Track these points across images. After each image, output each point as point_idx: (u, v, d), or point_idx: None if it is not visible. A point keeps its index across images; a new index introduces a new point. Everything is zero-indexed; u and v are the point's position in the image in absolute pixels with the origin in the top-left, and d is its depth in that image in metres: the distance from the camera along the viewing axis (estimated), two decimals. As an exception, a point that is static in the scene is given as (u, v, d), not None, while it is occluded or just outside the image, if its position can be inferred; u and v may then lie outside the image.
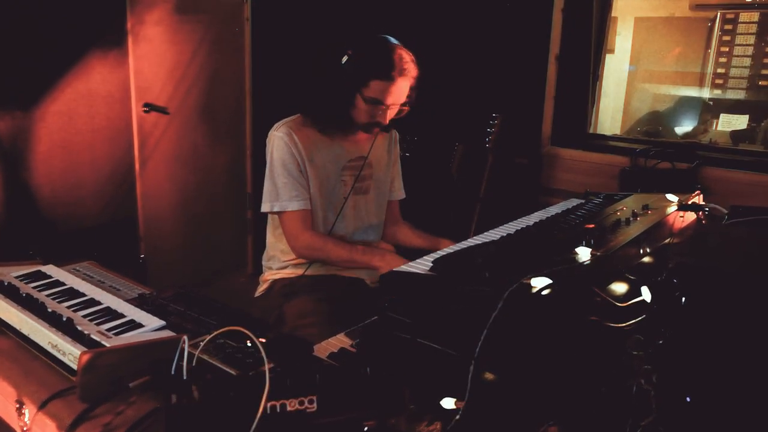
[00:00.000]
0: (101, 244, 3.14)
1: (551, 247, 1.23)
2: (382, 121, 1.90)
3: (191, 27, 3.55)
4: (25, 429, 1.13)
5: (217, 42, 3.70)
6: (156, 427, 1.02)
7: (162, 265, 3.56)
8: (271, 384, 0.89)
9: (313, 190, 1.95)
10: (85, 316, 1.31)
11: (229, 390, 0.91)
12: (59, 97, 2.97)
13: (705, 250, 1.37)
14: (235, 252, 4.10)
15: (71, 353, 1.13)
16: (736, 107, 3.24)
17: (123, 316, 1.31)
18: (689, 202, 1.64)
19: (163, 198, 3.61)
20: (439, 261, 1.19)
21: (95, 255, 1.78)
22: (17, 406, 1.15)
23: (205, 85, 3.68)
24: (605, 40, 3.14)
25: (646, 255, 1.21)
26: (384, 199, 2.17)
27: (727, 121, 3.21)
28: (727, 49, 3.32)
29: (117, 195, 3.32)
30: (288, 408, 0.91)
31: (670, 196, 1.66)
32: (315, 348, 1.26)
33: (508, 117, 2.85)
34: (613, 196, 1.83)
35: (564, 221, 1.48)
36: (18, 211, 2.90)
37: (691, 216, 1.59)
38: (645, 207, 1.54)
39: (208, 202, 3.86)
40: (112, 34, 3.17)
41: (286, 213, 1.93)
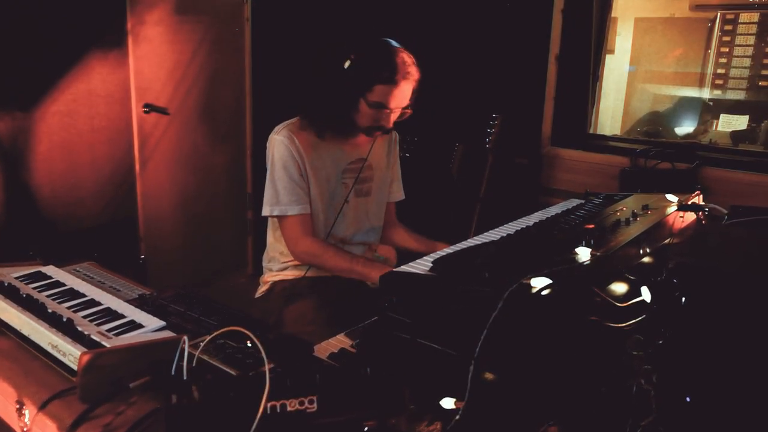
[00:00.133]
0: (101, 244, 3.13)
1: (551, 247, 1.23)
2: (386, 124, 1.90)
3: (191, 27, 3.55)
4: (25, 429, 1.13)
5: (217, 42, 3.70)
6: (156, 427, 1.02)
7: (162, 266, 3.56)
8: (272, 384, 0.89)
9: (314, 193, 1.95)
10: (85, 317, 1.31)
11: (229, 390, 0.91)
12: (59, 98, 2.97)
13: (705, 250, 1.37)
14: (236, 252, 4.10)
15: (71, 354, 1.13)
16: (736, 107, 3.24)
17: (123, 316, 1.31)
18: (689, 203, 1.64)
19: (163, 198, 3.61)
20: (439, 261, 1.19)
21: (95, 255, 1.78)
22: (17, 406, 1.15)
23: (205, 86, 3.68)
24: (605, 41, 3.14)
25: (646, 255, 1.21)
26: (384, 200, 2.16)
27: (727, 122, 3.21)
28: (727, 49, 3.31)
29: (117, 195, 3.32)
30: (288, 408, 0.91)
31: (670, 197, 1.66)
32: (315, 348, 1.27)
33: (508, 117, 2.86)
34: (613, 197, 1.83)
35: (564, 221, 1.49)
36: (18, 212, 2.90)
37: (691, 216, 1.59)
38: (645, 207, 1.54)
39: (208, 203, 3.86)
40: (112, 34, 3.17)
41: (286, 218, 1.92)
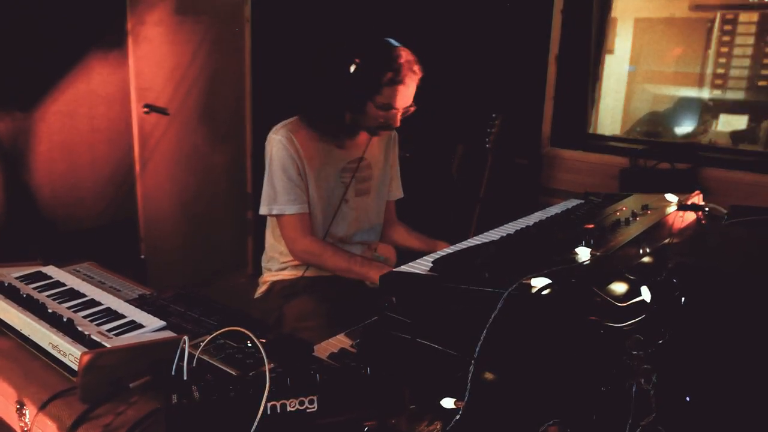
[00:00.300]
0: (101, 244, 3.14)
1: (551, 247, 1.23)
2: (393, 124, 1.91)
3: (191, 28, 3.55)
4: (25, 430, 1.13)
5: (218, 43, 3.70)
6: (156, 427, 1.02)
7: (162, 266, 3.56)
8: (272, 384, 0.90)
9: (313, 192, 1.95)
10: (85, 317, 1.31)
11: (229, 390, 0.91)
12: (59, 98, 2.97)
13: (705, 250, 1.37)
14: (236, 252, 4.10)
15: (72, 354, 1.13)
16: (736, 107, 3.24)
17: (123, 316, 1.31)
18: (689, 203, 1.64)
19: (163, 198, 3.61)
20: (439, 261, 1.19)
21: (95, 256, 1.78)
22: (18, 406, 1.15)
23: (205, 86, 3.68)
24: (605, 41, 3.14)
25: (646, 255, 1.21)
26: (383, 199, 2.16)
27: (727, 122, 3.21)
28: (726, 49, 3.32)
29: (117, 196, 3.33)
30: (288, 408, 0.91)
31: (670, 197, 1.66)
32: (315, 348, 1.27)
33: (508, 117, 2.86)
34: (612, 197, 1.82)
35: (564, 221, 1.49)
36: (18, 212, 2.90)
37: (690, 216, 1.59)
38: (645, 207, 1.54)
39: (208, 203, 3.86)
40: (113, 34, 3.17)
41: (284, 217, 1.92)
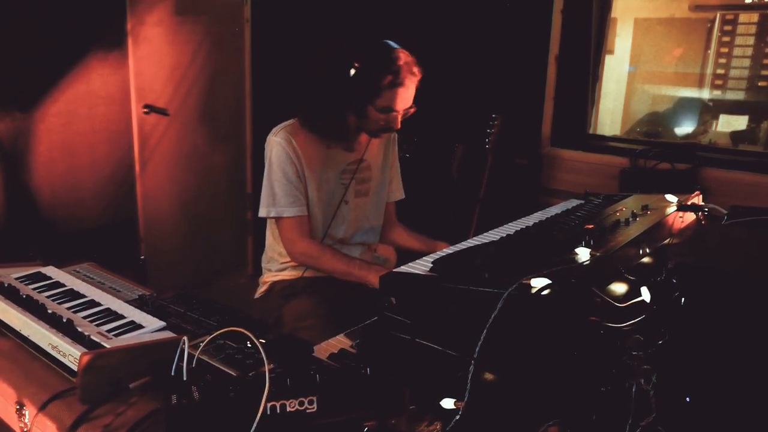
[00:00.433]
0: (101, 245, 3.14)
1: (551, 247, 1.23)
2: (394, 126, 1.90)
3: (191, 28, 3.55)
4: (25, 430, 1.13)
5: (217, 43, 3.70)
6: (156, 427, 1.02)
7: (162, 266, 3.56)
8: (271, 384, 0.90)
9: (313, 194, 1.95)
10: (85, 318, 1.31)
11: (229, 391, 0.91)
12: (59, 99, 2.97)
13: (704, 250, 1.37)
14: (235, 253, 4.10)
15: (71, 354, 1.13)
16: (736, 108, 3.24)
17: (123, 317, 1.31)
18: (689, 203, 1.64)
19: (163, 199, 3.61)
20: (439, 261, 1.19)
21: (95, 256, 1.78)
22: (17, 407, 1.15)
23: (205, 86, 3.68)
24: (605, 41, 3.14)
25: (646, 255, 1.21)
26: (383, 200, 2.16)
27: (727, 122, 3.21)
28: (726, 49, 3.32)
29: (117, 196, 3.33)
30: (288, 408, 0.91)
31: (670, 197, 1.66)
32: (315, 349, 1.27)
33: (508, 117, 2.86)
34: (612, 197, 1.82)
35: (563, 222, 1.49)
36: (18, 213, 2.90)
37: (690, 216, 1.59)
38: (644, 207, 1.54)
39: (208, 203, 3.86)
40: (112, 35, 3.18)
41: (283, 219, 1.92)
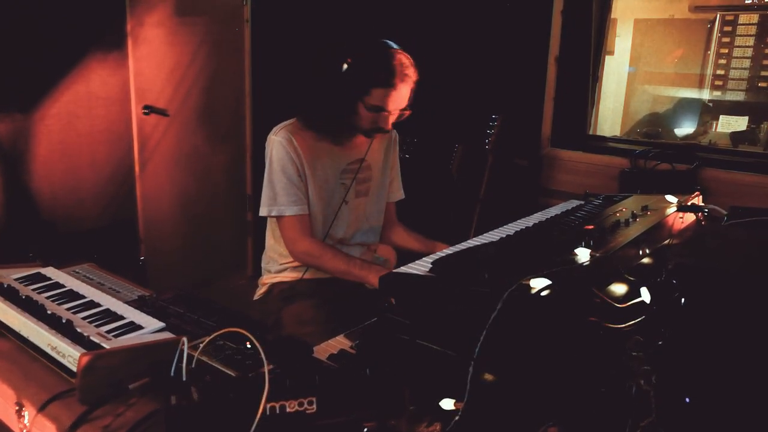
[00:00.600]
0: (101, 246, 3.14)
1: (551, 248, 1.22)
2: (384, 126, 1.90)
3: (191, 29, 3.55)
4: (24, 431, 1.13)
5: (217, 44, 3.70)
6: (156, 428, 1.02)
7: (162, 267, 3.56)
8: (271, 385, 0.89)
9: (313, 193, 1.95)
10: (84, 318, 1.31)
11: (228, 391, 0.91)
12: (59, 99, 2.97)
13: (704, 251, 1.37)
14: (235, 254, 4.10)
15: (71, 355, 1.13)
16: (736, 108, 3.24)
17: (123, 318, 1.31)
18: (689, 204, 1.64)
19: (163, 200, 3.61)
20: (439, 262, 1.19)
21: (95, 257, 1.78)
22: (17, 408, 1.15)
23: (204, 87, 3.68)
24: (605, 42, 3.14)
25: (646, 256, 1.21)
26: (383, 200, 2.16)
27: (727, 123, 3.21)
28: (726, 50, 3.31)
29: (117, 197, 3.33)
30: (287, 409, 0.91)
31: (670, 198, 1.66)
32: (315, 350, 1.26)
33: (508, 118, 2.86)
34: (612, 198, 1.82)
35: (563, 222, 1.48)
36: (18, 213, 2.90)
37: (690, 217, 1.59)
38: (644, 208, 1.54)
39: (208, 204, 3.86)
40: (112, 35, 3.18)
41: (284, 218, 1.92)
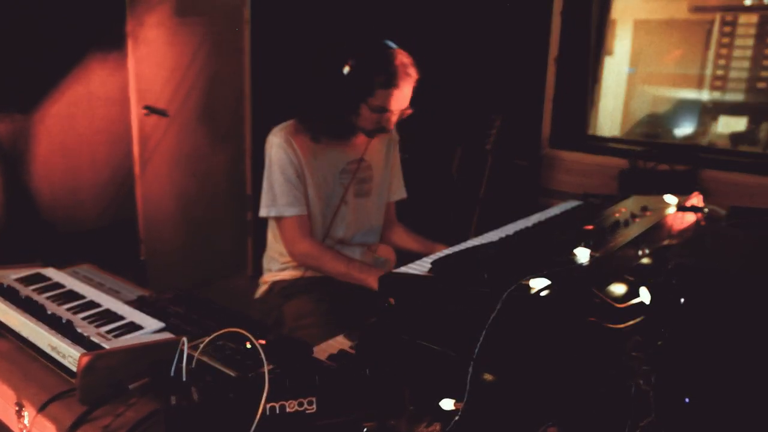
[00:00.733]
0: (101, 246, 3.14)
1: (550, 248, 1.23)
2: (388, 126, 1.90)
3: (191, 29, 3.55)
4: (24, 431, 1.13)
5: (217, 44, 3.70)
6: (156, 428, 1.02)
7: (162, 267, 3.56)
8: (271, 385, 0.90)
9: (312, 194, 1.95)
10: (84, 319, 1.31)
11: (228, 391, 0.91)
12: (59, 100, 2.97)
13: (704, 251, 1.37)
14: (235, 254, 4.10)
15: (71, 355, 1.13)
16: (735, 109, 3.24)
17: (122, 318, 1.31)
18: (688, 204, 1.64)
19: (163, 200, 3.61)
20: (438, 262, 1.19)
21: (95, 257, 1.78)
22: (17, 408, 1.15)
23: (204, 88, 3.68)
24: (604, 43, 3.15)
25: (645, 256, 1.21)
26: (383, 200, 2.16)
27: (726, 123, 3.22)
28: (726, 51, 3.32)
29: (117, 197, 3.33)
30: (287, 409, 0.91)
31: (669, 198, 1.66)
32: (314, 349, 1.27)
33: (508, 118, 2.86)
34: (612, 198, 1.82)
35: (563, 223, 1.49)
36: (18, 214, 2.90)
37: (690, 217, 1.59)
38: (644, 208, 1.54)
39: (208, 204, 3.86)
40: (112, 36, 3.18)
41: (283, 219, 1.92)
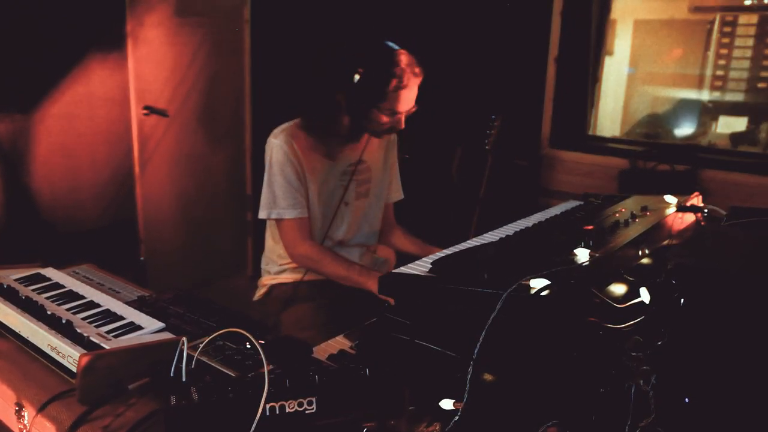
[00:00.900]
0: (101, 246, 3.14)
1: (550, 248, 1.23)
2: (399, 126, 1.90)
3: (191, 29, 3.55)
4: (24, 431, 1.13)
5: (217, 44, 3.70)
6: (155, 428, 1.02)
7: (162, 268, 3.56)
8: (271, 385, 0.90)
9: (313, 195, 1.95)
10: (84, 319, 1.31)
11: (228, 391, 0.91)
12: (59, 100, 2.97)
13: (704, 251, 1.37)
14: (235, 254, 4.10)
15: (71, 355, 1.13)
16: (735, 109, 3.24)
17: (122, 318, 1.31)
18: (688, 204, 1.64)
19: (162, 200, 3.61)
20: (438, 262, 1.19)
21: (95, 257, 1.78)
22: (17, 408, 1.15)
23: (204, 88, 3.68)
24: (604, 43, 3.15)
25: (645, 256, 1.21)
26: (382, 202, 2.16)
27: (726, 123, 3.22)
28: (726, 51, 3.32)
29: (117, 197, 3.32)
30: (287, 409, 0.91)
31: (669, 198, 1.66)
32: (314, 350, 1.27)
33: (508, 119, 2.86)
34: (612, 198, 1.82)
35: (563, 223, 1.49)
36: (18, 214, 2.90)
37: (690, 217, 1.59)
38: (644, 208, 1.54)
39: (207, 205, 3.85)
40: (112, 36, 3.18)
41: (283, 221, 1.92)
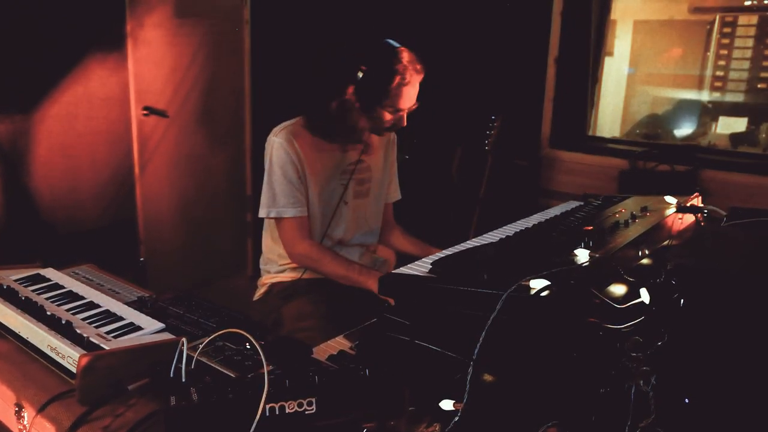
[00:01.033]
0: (101, 247, 3.14)
1: (550, 248, 1.23)
2: (401, 124, 1.91)
3: (190, 30, 3.55)
4: (24, 432, 1.13)
5: (217, 44, 3.70)
6: (155, 429, 1.02)
7: (162, 268, 3.56)
8: (270, 386, 0.90)
9: (313, 194, 1.95)
10: (84, 319, 1.31)
11: (228, 392, 0.91)
12: (59, 100, 2.98)
13: (704, 251, 1.37)
14: (235, 254, 4.10)
15: (70, 356, 1.13)
16: (735, 110, 3.24)
17: (122, 318, 1.31)
18: (688, 204, 1.64)
19: (162, 201, 3.61)
20: (438, 263, 1.19)
21: (95, 258, 1.78)
22: (16, 409, 1.15)
23: (204, 88, 3.68)
24: (604, 43, 3.15)
25: (645, 257, 1.21)
26: (382, 201, 2.16)
27: (726, 124, 3.22)
28: (726, 52, 3.32)
29: (117, 198, 3.33)
30: (287, 410, 0.91)
31: (669, 198, 1.66)
32: (314, 350, 1.27)
33: (508, 119, 2.86)
34: (612, 198, 1.82)
35: (563, 223, 1.48)
36: (17, 214, 2.90)
37: (689, 218, 1.59)
38: (644, 209, 1.54)
39: (207, 205, 3.86)
40: (112, 36, 3.18)
41: (283, 220, 1.92)
